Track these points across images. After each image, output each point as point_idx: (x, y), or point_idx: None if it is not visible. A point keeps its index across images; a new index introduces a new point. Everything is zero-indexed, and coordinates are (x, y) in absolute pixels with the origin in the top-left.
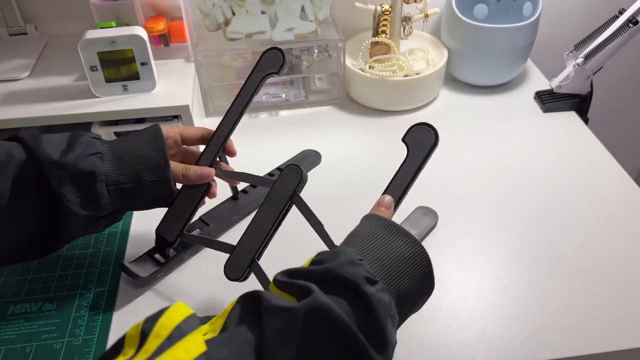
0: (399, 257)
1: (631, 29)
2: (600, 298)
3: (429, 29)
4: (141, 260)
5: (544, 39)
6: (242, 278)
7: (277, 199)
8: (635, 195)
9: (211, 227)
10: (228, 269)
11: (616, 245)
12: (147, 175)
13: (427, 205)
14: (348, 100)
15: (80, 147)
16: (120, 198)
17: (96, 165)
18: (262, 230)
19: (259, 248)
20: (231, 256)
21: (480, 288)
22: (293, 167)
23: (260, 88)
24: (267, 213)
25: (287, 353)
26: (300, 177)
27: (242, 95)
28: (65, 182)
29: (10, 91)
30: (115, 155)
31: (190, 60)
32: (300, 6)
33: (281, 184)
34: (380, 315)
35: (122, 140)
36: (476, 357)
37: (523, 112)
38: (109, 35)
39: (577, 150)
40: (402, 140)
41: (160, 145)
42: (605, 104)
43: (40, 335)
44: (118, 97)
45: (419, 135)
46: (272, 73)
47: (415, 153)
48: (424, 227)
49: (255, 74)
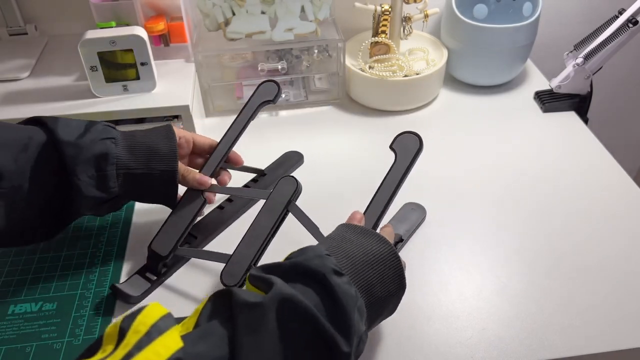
0: (368, 255)
1: (631, 29)
2: (600, 298)
3: (429, 29)
4: (133, 280)
5: (544, 39)
6: (239, 284)
7: (274, 207)
8: (635, 195)
9: (199, 239)
10: (225, 276)
11: (616, 245)
12: (155, 164)
13: (428, 204)
14: (348, 100)
15: (96, 132)
16: (127, 183)
17: (109, 148)
18: (259, 237)
19: (257, 254)
20: (228, 263)
21: (480, 288)
22: (289, 178)
23: (257, 113)
24: (264, 221)
25: (259, 345)
26: (296, 187)
27: (240, 118)
28: (79, 162)
29: (10, 91)
30: (128, 142)
31: (190, 60)
32: (300, 6)
33: (277, 193)
34: (345, 305)
35: (136, 131)
36: (476, 356)
37: (523, 112)
38: (109, 35)
39: (577, 150)
40: (390, 147)
41: (171, 140)
42: (605, 104)
43: (40, 335)
44: (118, 97)
45: (405, 142)
46: (268, 101)
47: (403, 158)
48: (413, 222)
49: (252, 100)
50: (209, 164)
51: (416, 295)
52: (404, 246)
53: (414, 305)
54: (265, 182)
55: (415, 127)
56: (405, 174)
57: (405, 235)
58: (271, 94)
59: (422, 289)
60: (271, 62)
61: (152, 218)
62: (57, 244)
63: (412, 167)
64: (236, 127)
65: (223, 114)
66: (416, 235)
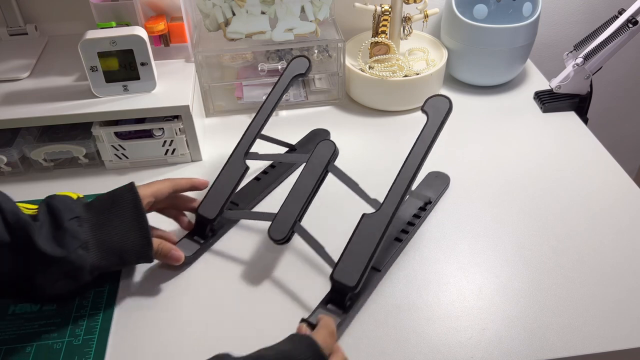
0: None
1: (631, 29)
2: (600, 298)
3: (429, 29)
4: (183, 243)
5: (544, 39)
6: (285, 239)
7: (314, 169)
8: (635, 195)
9: (240, 206)
10: (272, 232)
11: (616, 245)
12: (130, 257)
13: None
14: (348, 101)
15: (67, 238)
16: (99, 274)
17: (82, 259)
18: (302, 196)
19: (301, 211)
20: (274, 221)
21: (480, 287)
22: (327, 142)
23: (289, 88)
24: (306, 182)
25: None
26: (334, 149)
27: (274, 92)
28: (54, 278)
29: (10, 91)
30: (99, 243)
31: (190, 61)
32: (300, 6)
33: (317, 156)
34: None
35: (104, 220)
36: (476, 356)
37: (523, 112)
38: (109, 36)
39: (577, 150)
40: (421, 109)
41: (141, 223)
42: (604, 104)
43: (40, 335)
44: (118, 97)
45: (436, 104)
46: (300, 74)
47: (434, 118)
48: (438, 186)
49: (285, 75)
50: (246, 136)
51: (416, 296)
52: (427, 217)
53: (414, 305)
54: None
55: (415, 127)
56: (437, 132)
57: (433, 197)
58: (303, 68)
59: (422, 289)
60: (271, 62)
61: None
62: None
63: (443, 128)
64: (271, 100)
65: (223, 114)
66: (416, 235)
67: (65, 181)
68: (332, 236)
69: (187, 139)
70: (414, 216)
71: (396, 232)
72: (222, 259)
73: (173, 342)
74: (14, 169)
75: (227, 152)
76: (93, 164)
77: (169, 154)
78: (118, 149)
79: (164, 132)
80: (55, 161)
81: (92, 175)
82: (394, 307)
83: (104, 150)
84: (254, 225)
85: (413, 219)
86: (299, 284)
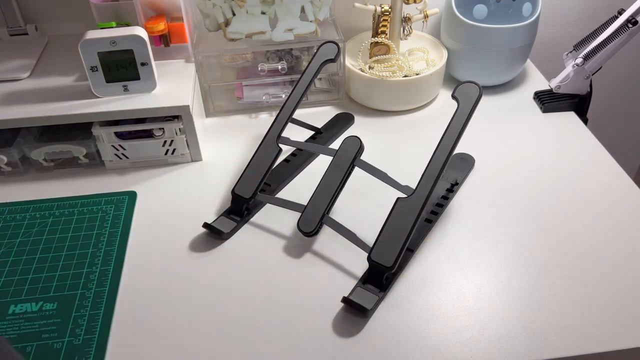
0: None
1: (630, 29)
2: (600, 298)
3: (429, 29)
4: (220, 220)
5: (544, 39)
6: (314, 231)
7: (341, 163)
8: (634, 195)
9: (272, 187)
10: (302, 224)
11: (616, 244)
12: None
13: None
14: (348, 101)
15: None
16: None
17: None
18: (329, 190)
19: (328, 204)
20: (303, 213)
21: (479, 287)
22: (353, 137)
23: (319, 72)
24: (333, 175)
25: None
26: (360, 144)
27: (304, 77)
28: None
29: (10, 91)
30: None
31: (190, 61)
32: (300, 7)
33: (343, 151)
34: None
35: None
36: (476, 356)
37: (522, 112)
38: (109, 36)
39: (576, 150)
40: (452, 95)
41: None
42: (604, 104)
43: (41, 335)
44: (118, 98)
45: (466, 90)
46: (330, 60)
47: (465, 104)
48: (464, 167)
49: (314, 61)
50: (279, 120)
51: (416, 296)
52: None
53: (414, 305)
54: (323, 139)
55: (415, 127)
56: (468, 118)
57: (459, 179)
58: (332, 54)
59: (422, 289)
60: (271, 62)
61: (152, 219)
62: (58, 244)
63: (473, 114)
64: (302, 85)
65: (223, 114)
66: None
67: (65, 181)
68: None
69: (187, 139)
70: (442, 197)
71: (426, 214)
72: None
73: (173, 342)
74: (14, 169)
75: (228, 152)
76: (93, 164)
77: (169, 154)
78: (118, 149)
79: (164, 132)
80: (55, 161)
81: (92, 175)
82: (394, 307)
83: (104, 150)
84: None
85: (441, 200)
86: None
